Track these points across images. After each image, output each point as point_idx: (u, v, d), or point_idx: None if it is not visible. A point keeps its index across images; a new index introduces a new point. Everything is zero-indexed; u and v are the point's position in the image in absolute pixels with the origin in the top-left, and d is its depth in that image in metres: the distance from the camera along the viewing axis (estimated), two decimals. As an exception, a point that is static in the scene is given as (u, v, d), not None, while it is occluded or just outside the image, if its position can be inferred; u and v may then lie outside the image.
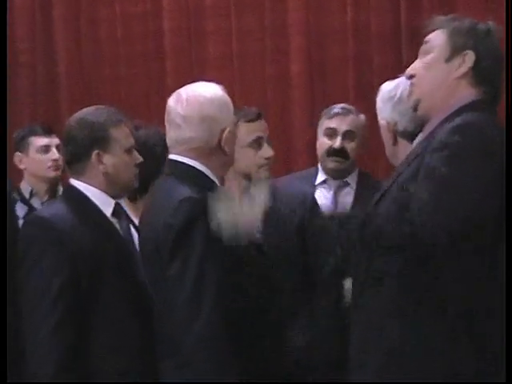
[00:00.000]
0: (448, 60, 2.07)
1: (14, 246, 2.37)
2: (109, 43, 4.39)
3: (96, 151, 2.35)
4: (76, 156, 2.39)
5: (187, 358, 2.10)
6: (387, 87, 2.43)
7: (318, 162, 3.28)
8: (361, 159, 3.34)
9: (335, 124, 3.15)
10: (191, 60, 4.32)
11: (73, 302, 2.23)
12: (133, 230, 2.58)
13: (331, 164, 3.14)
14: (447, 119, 2.03)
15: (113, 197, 2.43)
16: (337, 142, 3.12)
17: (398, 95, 2.42)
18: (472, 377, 1.89)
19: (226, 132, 2.25)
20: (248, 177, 2.67)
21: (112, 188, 2.41)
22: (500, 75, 2.13)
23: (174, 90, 2.39)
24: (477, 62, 2.06)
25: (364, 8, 4.02)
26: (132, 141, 2.44)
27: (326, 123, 3.18)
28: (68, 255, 2.24)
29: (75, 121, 2.43)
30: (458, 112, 2.03)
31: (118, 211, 2.43)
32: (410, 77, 2.13)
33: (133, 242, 2.51)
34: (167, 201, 2.21)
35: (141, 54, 4.40)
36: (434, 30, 2.13)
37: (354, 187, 3.21)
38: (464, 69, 2.06)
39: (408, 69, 2.16)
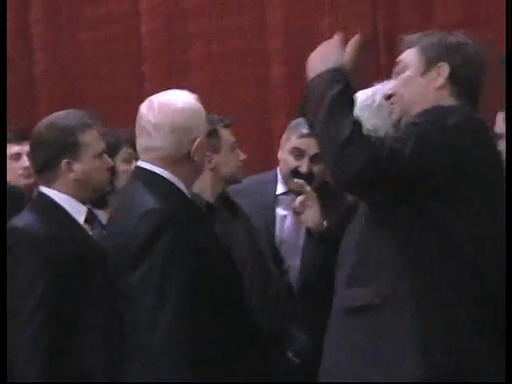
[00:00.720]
0: (423, 74, 2.08)
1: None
2: (89, 44, 4.39)
3: (66, 160, 2.33)
4: (45, 164, 2.37)
5: (148, 366, 2.12)
6: (363, 96, 2.44)
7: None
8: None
9: (304, 146, 2.93)
10: (171, 62, 4.32)
11: (52, 307, 2.23)
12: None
13: (294, 185, 2.90)
14: None
15: (84, 201, 2.41)
16: (304, 166, 2.92)
17: (377, 101, 2.44)
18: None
19: (197, 141, 2.25)
20: (229, 180, 2.71)
21: (83, 193, 2.40)
22: (480, 82, 2.13)
23: (153, 93, 2.40)
24: (453, 73, 2.06)
25: (341, 10, 4.04)
26: (102, 145, 2.42)
27: (293, 141, 2.99)
28: (44, 262, 2.23)
29: (44, 126, 2.40)
30: None
31: (90, 218, 2.42)
32: (389, 97, 2.13)
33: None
34: (132, 210, 2.21)
35: (121, 55, 4.40)
36: (405, 50, 2.14)
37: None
38: (441, 80, 2.06)
39: (385, 90, 2.17)
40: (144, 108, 2.26)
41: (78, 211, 2.39)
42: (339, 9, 4.02)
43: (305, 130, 2.86)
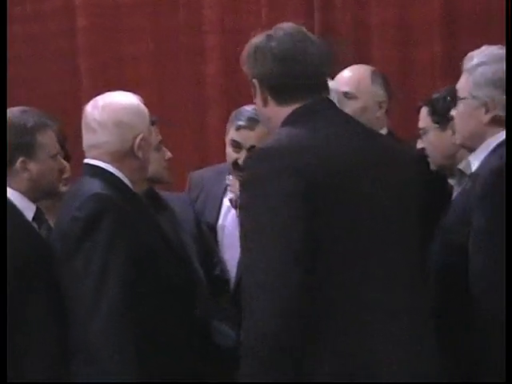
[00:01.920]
0: (255, 97, 2.11)
1: None
2: (22, 42, 4.35)
3: (21, 158, 2.38)
4: None
5: (92, 355, 2.15)
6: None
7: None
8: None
9: (241, 138, 2.96)
10: (106, 59, 4.34)
11: None
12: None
13: (236, 177, 2.89)
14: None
15: (35, 200, 2.45)
16: (242, 158, 2.91)
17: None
18: None
19: (139, 138, 2.37)
20: (155, 180, 2.74)
21: (34, 193, 2.44)
22: (299, 76, 2.04)
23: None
24: (264, 86, 2.06)
25: (279, 7, 4.10)
26: (58, 146, 2.49)
27: (231, 134, 3.02)
28: None
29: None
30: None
31: (39, 216, 2.46)
32: None
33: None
34: (76, 195, 2.30)
35: (55, 52, 4.38)
36: None
37: None
38: (260, 99, 2.08)
39: None
40: (89, 107, 2.38)
41: (27, 208, 2.43)
42: (276, 5, 4.09)
43: (241, 123, 2.91)
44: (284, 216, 1.84)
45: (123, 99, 2.44)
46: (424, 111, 2.86)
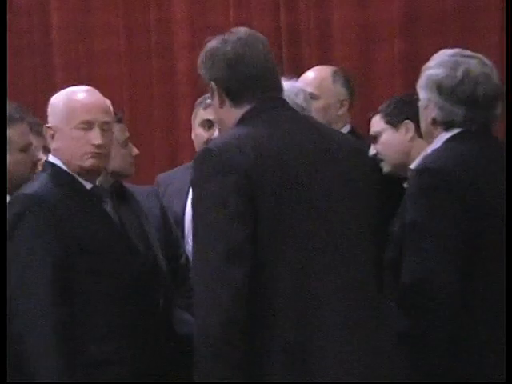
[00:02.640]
0: (212, 99, 2.17)
1: None
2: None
3: None
4: None
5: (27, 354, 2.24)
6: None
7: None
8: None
9: (211, 115, 2.91)
10: (79, 55, 4.38)
11: None
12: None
13: None
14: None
15: (9, 192, 2.45)
16: (215, 134, 2.92)
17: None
18: None
19: (48, 132, 2.40)
20: (120, 174, 2.75)
21: (8, 185, 2.45)
22: (250, 77, 2.11)
23: (61, 86, 2.50)
24: (220, 88, 2.11)
25: (246, 6, 4.17)
26: (28, 139, 2.50)
27: (201, 114, 3.14)
28: None
29: None
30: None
31: None
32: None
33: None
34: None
35: (27, 48, 4.41)
36: None
37: None
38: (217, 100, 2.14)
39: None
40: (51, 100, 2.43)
41: None
42: (244, 3, 4.14)
43: (208, 101, 2.84)
44: (225, 213, 1.90)
45: (64, 92, 2.44)
46: (376, 117, 2.94)
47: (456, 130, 2.26)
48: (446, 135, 2.29)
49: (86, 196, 2.42)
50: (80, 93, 2.45)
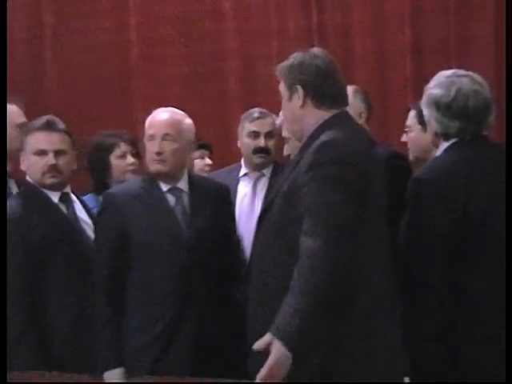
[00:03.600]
0: (290, 99, 2.33)
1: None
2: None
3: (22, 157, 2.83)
4: None
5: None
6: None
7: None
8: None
9: (257, 127, 3.44)
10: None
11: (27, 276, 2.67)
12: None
13: (258, 160, 3.44)
14: (311, 137, 2.27)
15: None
16: (261, 142, 3.42)
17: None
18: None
19: None
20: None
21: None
22: (335, 88, 2.30)
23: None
24: (307, 91, 2.28)
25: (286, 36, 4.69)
26: (40, 145, 2.74)
27: (247, 127, 3.46)
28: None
29: None
30: (318, 131, 2.26)
31: (65, 199, 2.81)
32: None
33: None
34: None
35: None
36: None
37: (268, 177, 3.49)
38: (300, 101, 2.29)
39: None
40: None
41: (52, 194, 2.78)
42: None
43: (255, 115, 3.48)
44: (339, 196, 2.10)
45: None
46: (412, 113, 3.16)
47: (452, 140, 2.40)
48: (445, 145, 2.43)
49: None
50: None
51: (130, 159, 3.33)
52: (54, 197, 2.78)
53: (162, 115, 2.77)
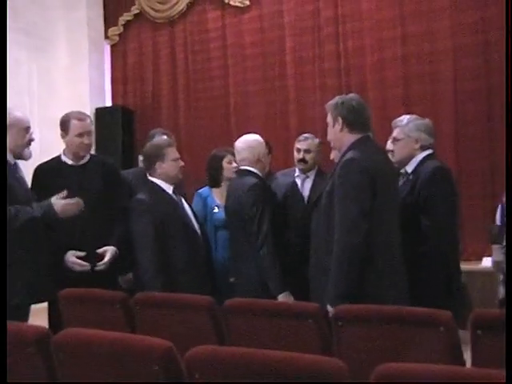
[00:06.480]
0: (333, 126, 3.02)
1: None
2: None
3: (158, 162, 3.67)
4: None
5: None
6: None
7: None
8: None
9: (300, 146, 4.67)
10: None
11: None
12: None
13: (299, 166, 4.69)
14: (344, 153, 2.97)
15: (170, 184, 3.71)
16: (300, 155, 4.65)
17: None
18: None
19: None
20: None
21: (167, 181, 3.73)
22: (362, 119, 2.95)
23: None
24: (344, 121, 2.95)
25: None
26: (177, 153, 3.62)
27: (296, 145, 4.66)
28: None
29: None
30: (348, 149, 2.96)
31: (176, 192, 3.72)
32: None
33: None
34: None
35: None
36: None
37: (313, 178, 4.71)
38: (339, 127, 2.96)
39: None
40: None
41: (168, 188, 3.65)
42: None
43: (300, 138, 4.71)
44: (357, 194, 2.74)
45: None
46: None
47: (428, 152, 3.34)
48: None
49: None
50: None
51: (234, 164, 4.41)
52: (169, 190, 3.75)
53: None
